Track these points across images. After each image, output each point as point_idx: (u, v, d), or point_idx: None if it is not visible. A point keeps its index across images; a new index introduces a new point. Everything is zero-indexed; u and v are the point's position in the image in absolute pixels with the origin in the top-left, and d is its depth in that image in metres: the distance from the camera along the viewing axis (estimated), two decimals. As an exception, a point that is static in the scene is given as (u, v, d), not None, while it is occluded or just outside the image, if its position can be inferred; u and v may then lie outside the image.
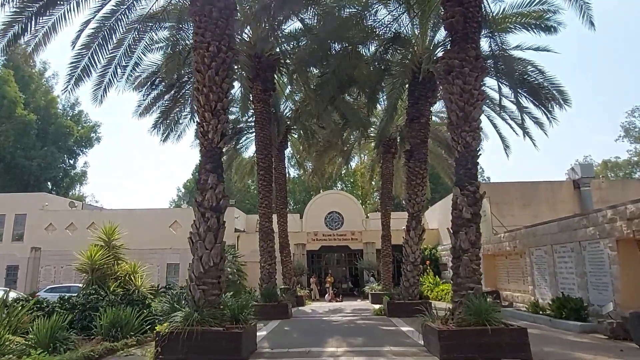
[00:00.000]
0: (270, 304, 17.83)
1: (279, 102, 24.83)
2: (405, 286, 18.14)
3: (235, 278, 24.40)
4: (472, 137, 11.13)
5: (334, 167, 29.86)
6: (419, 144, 18.67)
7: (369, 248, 31.98)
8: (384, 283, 25.77)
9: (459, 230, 10.82)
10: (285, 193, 26.61)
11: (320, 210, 36.99)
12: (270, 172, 19.80)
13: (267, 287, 18.46)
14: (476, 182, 11.12)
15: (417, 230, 18.40)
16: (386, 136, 24.75)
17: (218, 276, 10.44)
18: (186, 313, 9.57)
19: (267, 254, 19.05)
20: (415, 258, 18.35)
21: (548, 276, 17.20)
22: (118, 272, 16.04)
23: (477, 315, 9.57)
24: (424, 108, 18.66)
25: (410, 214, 18.58)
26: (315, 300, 29.90)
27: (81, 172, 44.57)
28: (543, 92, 16.67)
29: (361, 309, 21.84)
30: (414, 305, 17.88)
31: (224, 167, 11.15)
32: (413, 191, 18.55)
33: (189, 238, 10.68)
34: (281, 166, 26.39)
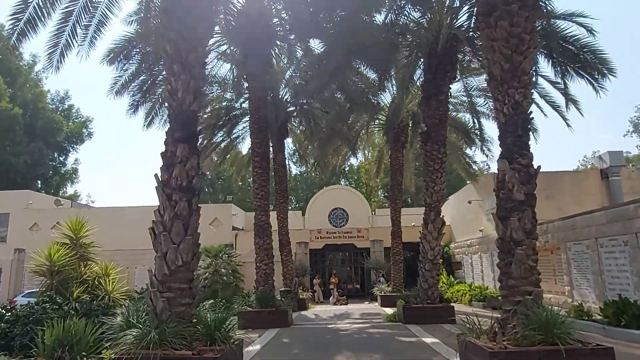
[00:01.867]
0: (267, 309, 15.06)
1: (277, 87, 22.06)
2: (424, 288, 15.34)
3: (230, 280, 21.67)
4: (523, 95, 8.36)
5: (339, 158, 27.03)
6: (437, 125, 15.90)
7: (376, 246, 29.16)
8: (394, 284, 22.98)
9: (508, 215, 8.04)
10: (286, 186, 23.86)
11: (324, 206, 34.22)
12: (266, 158, 17.05)
13: (263, 290, 15.70)
14: (529, 154, 8.33)
15: (436, 224, 15.61)
16: (397, 121, 21.94)
17: (189, 279, 7.69)
18: (141, 332, 6.80)
19: (264, 252, 16.28)
20: (435, 255, 15.56)
21: (591, 275, 14.39)
22: (85, 274, 13.27)
23: (543, 330, 6.79)
24: (442, 83, 15.92)
25: (428, 205, 15.79)
26: (318, 302, 27.11)
27: (72, 170, 41.95)
28: (585, 61, 13.84)
29: (371, 314, 19.04)
30: (434, 310, 15.15)
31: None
32: (431, 178, 15.77)
33: (150, 229, 7.92)
34: (281, 157, 23.66)
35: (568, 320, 7.17)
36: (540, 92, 17.25)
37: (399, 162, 23.52)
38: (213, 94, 20.82)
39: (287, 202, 23.87)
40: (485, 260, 22.52)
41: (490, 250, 21.90)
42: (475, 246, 23.72)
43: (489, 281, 22.03)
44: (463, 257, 25.70)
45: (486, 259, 22.42)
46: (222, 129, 22.48)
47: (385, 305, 21.83)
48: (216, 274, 21.48)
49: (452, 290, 23.66)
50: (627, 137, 53.49)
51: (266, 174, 16.95)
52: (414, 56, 17.11)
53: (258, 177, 16.79)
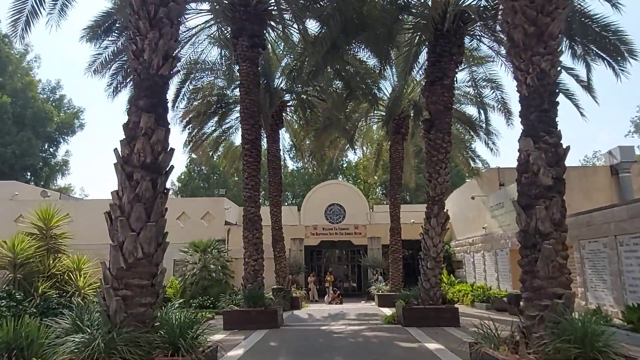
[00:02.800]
0: (255, 309, 13.74)
1: (272, 74, 20.71)
2: (425, 288, 14.03)
3: (220, 276, 20.31)
4: (550, 63, 7.05)
5: (336, 150, 25.67)
6: (441, 112, 14.58)
7: (373, 243, 27.83)
8: (392, 283, 21.68)
9: (533, 203, 6.72)
10: (280, 179, 22.51)
11: (320, 202, 32.84)
12: (258, 147, 15.69)
13: (251, 287, 14.35)
14: (557, 131, 7.01)
15: (439, 218, 14.29)
16: (397, 111, 20.58)
17: (151, 274, 6.35)
18: (87, 338, 5.47)
19: (253, 247, 14.94)
20: (438, 252, 14.25)
21: (609, 276, 13.09)
22: (53, 268, 11.91)
23: (580, 342, 5.47)
24: (448, 67, 14.59)
25: (431, 198, 14.47)
26: (313, 301, 25.81)
27: (62, 161, 40.38)
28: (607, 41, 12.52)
29: (367, 315, 17.72)
30: (436, 311, 13.83)
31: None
32: (434, 169, 14.45)
33: (106, 213, 6.58)
34: (275, 148, 22.30)
35: (609, 330, 5.84)
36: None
37: (399, 155, 22.21)
38: (203, 79, 19.45)
39: (280, 196, 22.53)
40: (489, 259, 21.21)
41: (494, 248, 20.61)
42: (478, 244, 22.42)
43: (492, 281, 20.73)
44: (464, 255, 24.40)
45: (489, 258, 21.12)
46: (212, 117, 21.10)
47: (383, 305, 20.54)
48: (205, 270, 20.13)
49: (453, 290, 22.36)
50: (628, 137, 52.03)
51: (257, 163, 15.60)
52: (417, 39, 15.83)
53: (248, 166, 15.43)
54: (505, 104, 18.33)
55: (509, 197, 19.09)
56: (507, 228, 19.45)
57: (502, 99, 18.11)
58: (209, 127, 22.99)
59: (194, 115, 20.30)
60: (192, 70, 18.66)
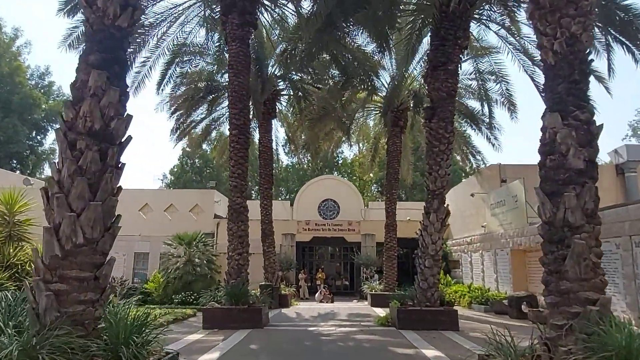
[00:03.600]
0: (238, 307, 12.55)
1: (264, 59, 19.49)
2: (422, 288, 12.87)
3: (205, 271, 19.09)
4: (582, 26, 5.89)
5: (331, 143, 24.46)
6: (444, 99, 13.42)
7: (367, 241, 26.71)
8: (386, 282, 20.53)
9: (561, 190, 5.56)
10: (271, 170, 21.31)
11: (314, 197, 31.65)
12: (246, 132, 14.47)
13: (235, 283, 13.16)
14: (589, 106, 5.84)
15: (439, 213, 13.13)
16: (396, 101, 19.45)
17: (95, 265, 5.15)
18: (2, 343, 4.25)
19: (238, 240, 13.74)
20: (437, 250, 13.08)
21: (622, 279, 11.99)
22: (14, 258, 10.67)
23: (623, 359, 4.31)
24: (452, 52, 13.44)
25: (431, 191, 13.30)
26: (304, 299, 24.66)
27: (50, 150, 38.88)
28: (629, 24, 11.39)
29: (359, 315, 16.56)
30: (434, 314, 12.68)
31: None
32: (435, 160, 13.29)
33: (42, 189, 5.35)
34: (267, 138, 21.10)
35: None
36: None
37: (397, 148, 21.03)
38: (191, 62, 18.16)
39: (272, 188, 21.33)
40: (488, 259, 20.10)
41: (493, 248, 19.49)
42: (476, 244, 21.30)
43: (491, 282, 19.62)
44: (461, 255, 23.28)
45: (488, 258, 20.01)
46: (201, 103, 19.83)
47: (376, 305, 19.40)
48: (189, 264, 18.91)
49: (449, 291, 21.24)
50: (625, 141, 51.02)
51: (244, 150, 14.38)
52: (420, 21, 14.70)
53: (235, 153, 14.21)
54: (510, 97, 17.19)
55: (511, 195, 18.00)
56: (508, 227, 18.34)
57: (507, 91, 16.96)
58: (198, 115, 21.76)
59: (181, 101, 19.04)
60: (179, 53, 17.40)
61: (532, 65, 15.17)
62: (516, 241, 17.46)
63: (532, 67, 15.16)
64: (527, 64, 15.24)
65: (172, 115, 20.63)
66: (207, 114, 21.83)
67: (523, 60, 15.40)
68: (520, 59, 15.35)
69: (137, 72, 16.82)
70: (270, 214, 20.91)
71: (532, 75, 15.47)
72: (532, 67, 15.16)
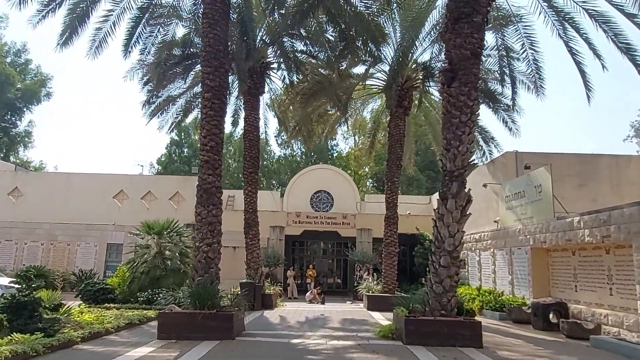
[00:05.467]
0: (203, 311, 9.67)
1: (252, 22, 16.52)
2: (436, 292, 10.04)
3: (177, 265, 16.17)
4: None
5: (326, 126, 21.55)
6: (467, 59, 10.63)
7: (363, 236, 23.90)
8: (385, 282, 17.71)
9: None
10: (258, 153, 18.43)
11: (306, 188, 28.83)
12: (221, 97, 11.55)
13: (202, 281, 10.28)
14: None
15: (459, 199, 10.32)
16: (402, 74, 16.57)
17: None
18: None
19: (207, 228, 10.86)
20: (455, 245, 10.26)
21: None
22: None
23: None
24: (478, 0, 10.68)
25: (449, 172, 10.49)
26: (292, 299, 21.83)
27: (25, 132, 35.69)
28: None
29: (355, 321, 13.70)
30: (451, 326, 9.85)
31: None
32: (454, 134, 10.49)
33: None
34: (253, 117, 18.22)
35: None
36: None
37: (400, 131, 18.21)
38: (162, 20, 15.14)
39: (257, 173, 18.46)
40: (501, 259, 17.33)
41: (508, 246, 16.73)
42: (487, 241, 18.53)
43: (504, 285, 16.87)
44: (468, 254, 20.47)
45: (502, 257, 17.24)
46: (177, 70, 16.82)
47: (373, 308, 16.64)
48: (159, 257, 16.00)
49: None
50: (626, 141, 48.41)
51: (220, 118, 11.51)
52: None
53: (208, 121, 11.34)
54: (538, 69, 14.34)
55: (533, 184, 15.22)
56: (528, 222, 15.57)
57: (535, 61, 14.12)
58: (176, 89, 18.85)
59: (152, 68, 16.03)
60: (149, 7, 14.46)
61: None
62: (538, 238, 14.68)
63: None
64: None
65: (144, 86, 17.70)
66: (187, 89, 18.94)
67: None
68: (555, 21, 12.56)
69: (98, 28, 13.89)
70: (254, 202, 18.04)
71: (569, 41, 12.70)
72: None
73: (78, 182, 25.98)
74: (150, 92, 17.71)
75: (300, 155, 47.69)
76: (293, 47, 16.51)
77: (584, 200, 16.79)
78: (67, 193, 25.69)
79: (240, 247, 22.26)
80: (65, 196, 25.64)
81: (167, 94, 18.81)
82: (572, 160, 18.00)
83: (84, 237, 25.11)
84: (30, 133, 36.55)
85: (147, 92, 17.73)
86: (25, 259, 24.72)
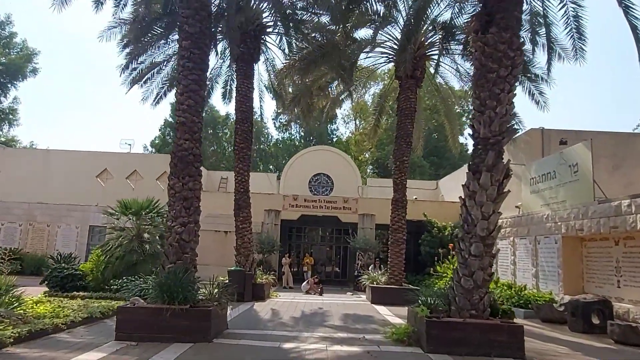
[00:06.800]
0: (172, 306, 7.55)
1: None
2: (465, 287, 7.93)
3: (156, 249, 14.00)
4: None
5: (327, 100, 19.27)
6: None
7: (366, 222, 21.76)
8: (391, 272, 15.60)
9: None
10: (251, 126, 16.21)
11: (304, 170, 26.68)
12: (202, 45, 9.28)
13: (172, 269, 8.13)
14: None
15: (495, 172, 8.17)
16: (417, 36, 14.24)
17: None
18: None
19: (181, 204, 8.71)
20: (490, 230, 8.13)
21: None
22: None
23: None
24: None
25: (482, 139, 8.32)
26: (287, 288, 19.77)
27: (9, 109, 33.28)
28: None
29: (359, 318, 11.58)
30: (486, 330, 7.75)
31: None
32: (491, 92, 8.31)
33: None
34: (246, 85, 15.96)
35: None
36: None
37: (411, 105, 16.02)
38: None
39: (250, 149, 16.21)
40: (522, 249, 15.25)
41: (532, 234, 14.66)
42: (506, 228, 16.43)
43: (526, 278, 14.83)
44: (481, 242, 18.33)
45: (524, 247, 15.17)
46: (159, 34, 14.45)
47: (378, 301, 14.59)
48: (136, 240, 13.85)
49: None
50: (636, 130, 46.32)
51: (200, 72, 9.28)
52: None
53: (185, 74, 9.13)
54: (580, 27, 12.03)
55: (568, 163, 13.03)
56: (559, 207, 13.45)
57: (576, 18, 11.81)
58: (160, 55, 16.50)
59: (129, 25, 13.70)
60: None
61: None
62: (572, 225, 12.57)
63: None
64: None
65: (123, 49, 15.35)
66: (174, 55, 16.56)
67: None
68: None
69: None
70: (246, 181, 15.86)
71: None
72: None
73: (59, 159, 23.78)
74: (130, 55, 15.37)
75: (299, 139, 45.42)
76: (291, 3, 14.20)
77: (617, 184, 14.73)
78: (47, 171, 23.52)
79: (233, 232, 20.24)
80: (45, 174, 23.49)
81: (150, 59, 16.47)
82: (606, 140, 15.82)
83: (64, 218, 23.00)
84: (15, 110, 34.22)
85: (126, 55, 15.39)
86: (2, 240, 22.63)
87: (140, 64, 16.28)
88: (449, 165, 38.52)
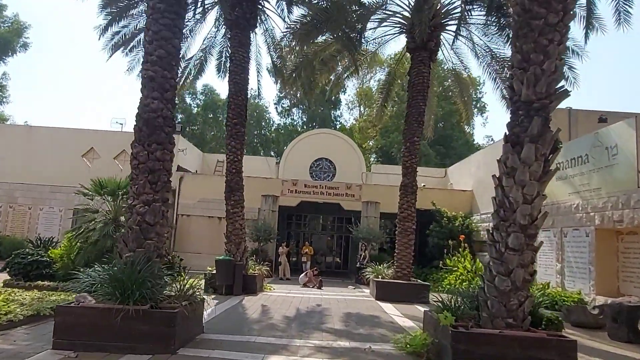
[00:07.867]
0: (127, 306, 5.80)
1: None
2: (500, 289, 6.14)
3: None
4: None
5: (330, 75, 17.35)
6: None
7: (370, 210, 19.95)
8: (399, 265, 13.85)
9: None
10: (245, 100, 14.42)
11: (305, 155, 24.89)
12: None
13: (129, 259, 6.38)
14: None
15: (542, 145, 6.35)
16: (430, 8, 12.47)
17: None
18: None
19: (145, 177, 6.91)
20: (533, 217, 6.32)
21: None
22: None
23: None
24: None
25: (524, 103, 6.51)
26: (283, 280, 18.10)
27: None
28: None
29: (363, 319, 9.83)
30: (527, 345, 5.90)
31: None
32: (537, 44, 6.48)
33: None
34: (241, 54, 14.13)
35: None
36: None
37: (424, 80, 14.18)
38: None
39: (244, 126, 14.42)
40: (545, 242, 13.38)
41: (558, 226, 12.89)
42: (525, 219, 14.58)
43: (549, 275, 13.07)
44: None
45: (546, 240, 13.30)
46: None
47: (383, 297, 12.87)
48: (111, 224, 12.13)
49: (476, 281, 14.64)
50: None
51: (174, 17, 7.40)
52: None
53: (156, 18, 7.31)
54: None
55: (604, 145, 11.17)
56: (592, 195, 11.62)
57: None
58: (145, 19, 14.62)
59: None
60: None
61: None
62: (609, 216, 10.77)
63: None
64: None
65: (102, 10, 13.55)
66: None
67: None
68: None
69: None
70: (239, 160, 14.13)
71: None
72: None
73: (42, 137, 21.97)
74: (110, 16, 13.54)
75: (301, 125, 43.55)
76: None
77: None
78: (29, 150, 21.72)
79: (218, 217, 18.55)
80: (28, 153, 21.69)
81: (135, 23, 14.65)
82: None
83: (47, 200, 21.30)
84: (4, 87, 32.41)
85: (105, 15, 13.57)
86: (-20, 222, 21.01)
87: (123, 27, 14.51)
88: (455, 155, 36.64)
